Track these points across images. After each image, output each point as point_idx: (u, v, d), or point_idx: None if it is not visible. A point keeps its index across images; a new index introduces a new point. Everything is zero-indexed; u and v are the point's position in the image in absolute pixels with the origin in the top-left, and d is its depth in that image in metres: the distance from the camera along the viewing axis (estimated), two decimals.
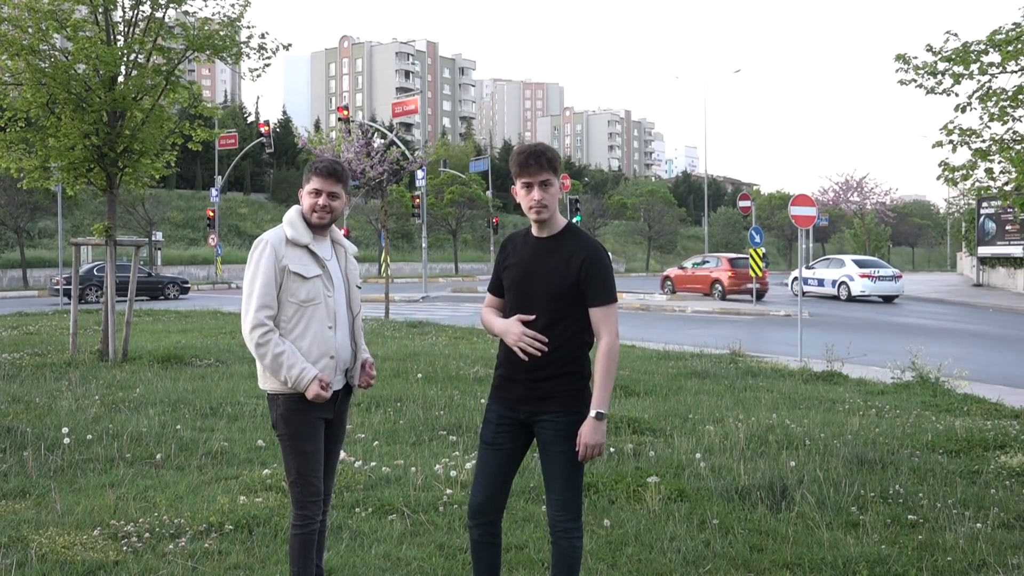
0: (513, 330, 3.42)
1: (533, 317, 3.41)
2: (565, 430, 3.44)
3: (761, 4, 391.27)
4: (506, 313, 3.53)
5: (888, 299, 30.85)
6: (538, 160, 3.40)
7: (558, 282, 3.41)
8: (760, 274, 27.56)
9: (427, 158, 37.83)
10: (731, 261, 30.96)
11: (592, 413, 3.39)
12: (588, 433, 3.37)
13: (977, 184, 9.55)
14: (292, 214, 3.79)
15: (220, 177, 50.98)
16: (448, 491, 5.54)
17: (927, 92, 9.23)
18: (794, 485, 5.72)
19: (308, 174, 3.76)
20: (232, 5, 12.93)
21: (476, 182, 61.39)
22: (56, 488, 5.60)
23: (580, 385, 3.50)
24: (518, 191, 3.48)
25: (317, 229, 3.77)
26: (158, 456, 6.48)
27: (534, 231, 3.54)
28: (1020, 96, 8.73)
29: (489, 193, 58.29)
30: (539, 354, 3.38)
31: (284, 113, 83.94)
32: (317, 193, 3.72)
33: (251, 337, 3.61)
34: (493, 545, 3.60)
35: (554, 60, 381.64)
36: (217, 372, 11.06)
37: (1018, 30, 8.79)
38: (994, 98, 8.79)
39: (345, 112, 31.38)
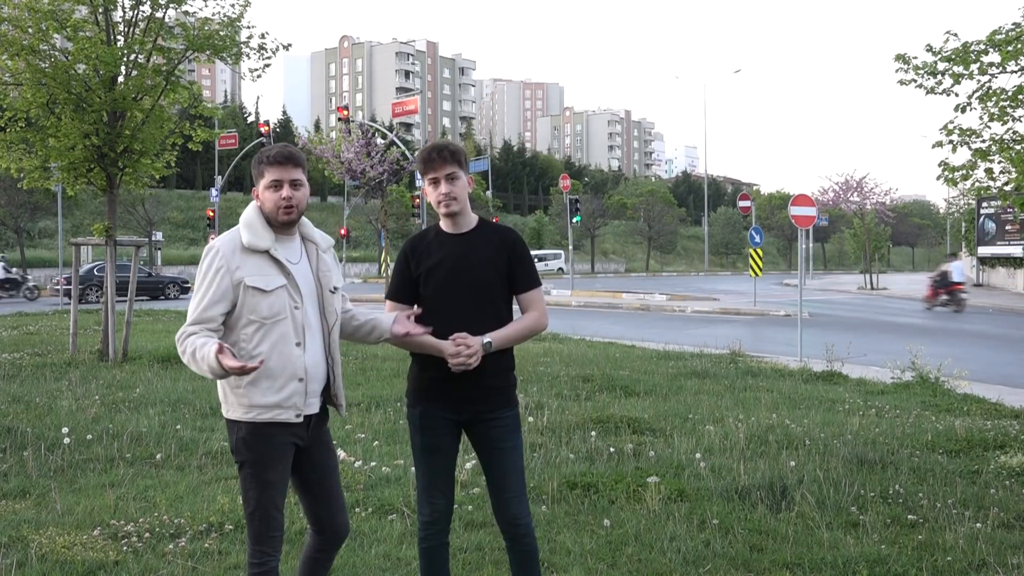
0: (449, 350, 3.28)
1: (470, 340, 3.27)
2: (511, 423, 3.44)
3: (761, 4, 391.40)
4: (431, 316, 3.34)
5: None
6: (440, 154, 3.38)
7: (493, 272, 3.38)
8: (759, 274, 27.61)
9: None
10: None
11: (484, 339, 3.28)
12: (475, 345, 3.26)
13: (977, 184, 9.54)
14: (250, 213, 3.21)
15: (220, 177, 50.96)
16: None
17: (927, 92, 9.22)
18: (794, 485, 5.72)
19: (260, 167, 3.20)
20: (232, 5, 12.96)
21: (476, 182, 61.38)
22: (56, 488, 5.60)
23: (514, 381, 3.52)
24: (426, 189, 3.42)
25: (283, 228, 3.22)
26: (158, 456, 6.48)
27: (447, 228, 3.45)
28: (1020, 96, 8.72)
29: (489, 193, 58.31)
30: (476, 363, 3.27)
31: (284, 113, 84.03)
32: (277, 185, 3.16)
33: (180, 352, 3.10)
34: (447, 548, 3.52)
35: (554, 60, 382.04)
36: None
37: (1018, 30, 8.79)
38: (994, 98, 8.78)
39: (345, 112, 31.39)
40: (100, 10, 12.36)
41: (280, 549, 3.25)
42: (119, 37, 12.67)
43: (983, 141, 9.00)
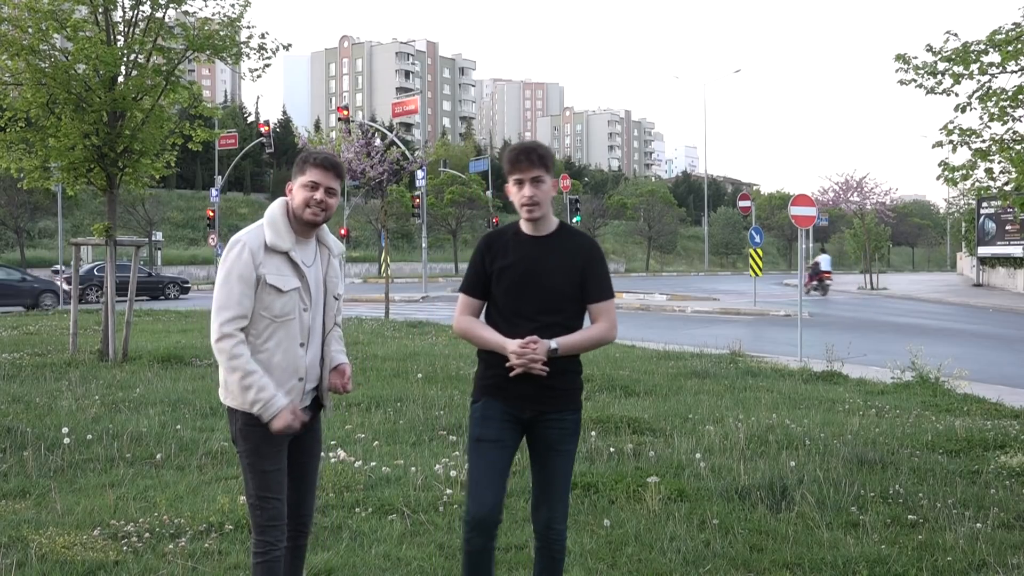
0: (512, 349, 3.25)
1: (537, 345, 3.23)
2: (572, 428, 3.42)
3: (761, 4, 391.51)
4: (503, 315, 3.37)
5: None
6: (529, 156, 3.31)
7: (563, 279, 3.34)
8: (759, 274, 27.66)
9: (427, 158, 37.87)
10: None
11: (552, 344, 3.26)
12: (540, 349, 3.23)
13: (977, 184, 9.55)
14: (275, 212, 3.33)
15: (220, 177, 50.98)
16: (448, 491, 5.54)
17: (927, 92, 9.22)
18: (794, 485, 5.72)
19: (303, 165, 3.33)
20: (232, 5, 12.95)
21: (476, 182, 61.44)
22: (56, 488, 5.60)
23: (580, 384, 3.49)
24: (510, 188, 3.38)
25: (304, 229, 3.34)
26: (158, 456, 6.48)
27: (526, 229, 3.42)
28: (1020, 96, 8.73)
29: (489, 193, 58.33)
30: (544, 373, 3.25)
31: (284, 113, 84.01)
32: (314, 186, 3.29)
33: (220, 348, 3.21)
34: (492, 553, 3.41)
35: (554, 60, 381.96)
36: (217, 372, 11.05)
37: (1018, 30, 8.79)
38: (994, 98, 8.79)
39: (345, 112, 31.39)
40: (100, 10, 12.35)
41: (283, 539, 3.34)
42: (119, 37, 12.66)
43: (983, 141, 9.01)
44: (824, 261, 35.50)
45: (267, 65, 13.86)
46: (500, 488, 3.36)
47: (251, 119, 76.09)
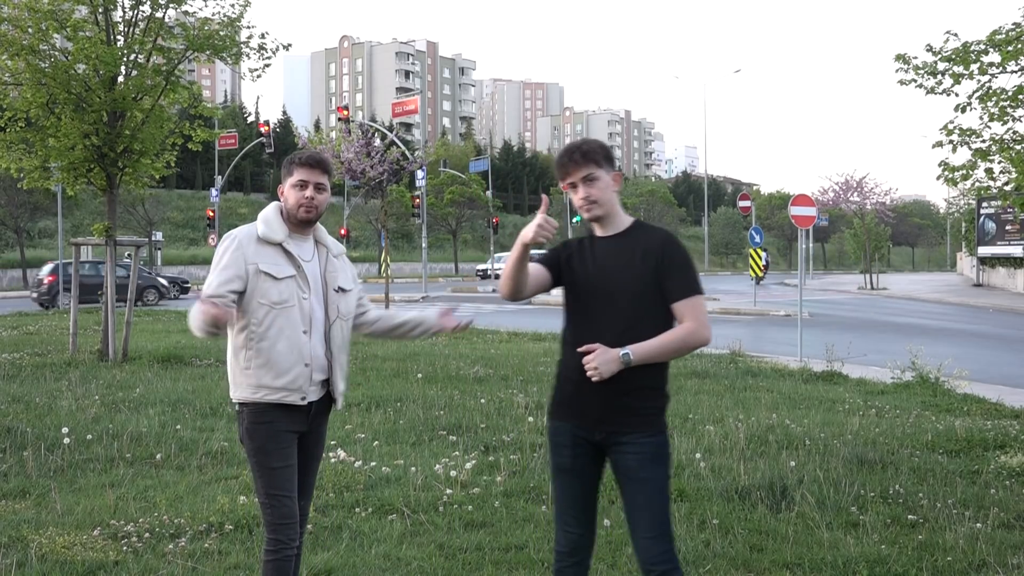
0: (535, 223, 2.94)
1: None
2: (652, 452, 3.03)
3: (761, 4, 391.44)
4: (577, 323, 3.14)
5: None
6: (572, 157, 3.07)
7: (633, 279, 3.04)
8: (760, 273, 27.68)
9: (427, 158, 37.80)
10: None
11: (623, 351, 2.95)
12: (603, 355, 2.94)
13: (977, 184, 9.56)
14: (269, 211, 3.48)
15: (220, 177, 50.95)
16: (448, 491, 5.54)
17: (927, 92, 9.23)
18: (794, 485, 5.72)
19: (290, 167, 3.46)
20: (232, 5, 12.96)
21: (476, 182, 61.35)
22: (56, 488, 5.59)
23: (662, 403, 3.11)
24: (572, 196, 3.13)
25: (299, 227, 3.45)
26: (158, 456, 6.48)
27: (597, 231, 3.16)
28: (1020, 96, 8.73)
29: (489, 193, 58.26)
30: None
31: (284, 113, 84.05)
32: (303, 185, 3.41)
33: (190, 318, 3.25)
34: None
35: (554, 60, 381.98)
36: (217, 372, 11.06)
37: (1018, 30, 8.80)
38: (994, 98, 8.79)
39: (345, 112, 31.40)
40: (100, 10, 12.36)
41: (295, 538, 3.36)
42: (119, 37, 12.67)
43: (983, 141, 9.02)
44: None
45: (267, 65, 13.88)
46: (585, 518, 3.15)
47: (251, 119, 76.12)
